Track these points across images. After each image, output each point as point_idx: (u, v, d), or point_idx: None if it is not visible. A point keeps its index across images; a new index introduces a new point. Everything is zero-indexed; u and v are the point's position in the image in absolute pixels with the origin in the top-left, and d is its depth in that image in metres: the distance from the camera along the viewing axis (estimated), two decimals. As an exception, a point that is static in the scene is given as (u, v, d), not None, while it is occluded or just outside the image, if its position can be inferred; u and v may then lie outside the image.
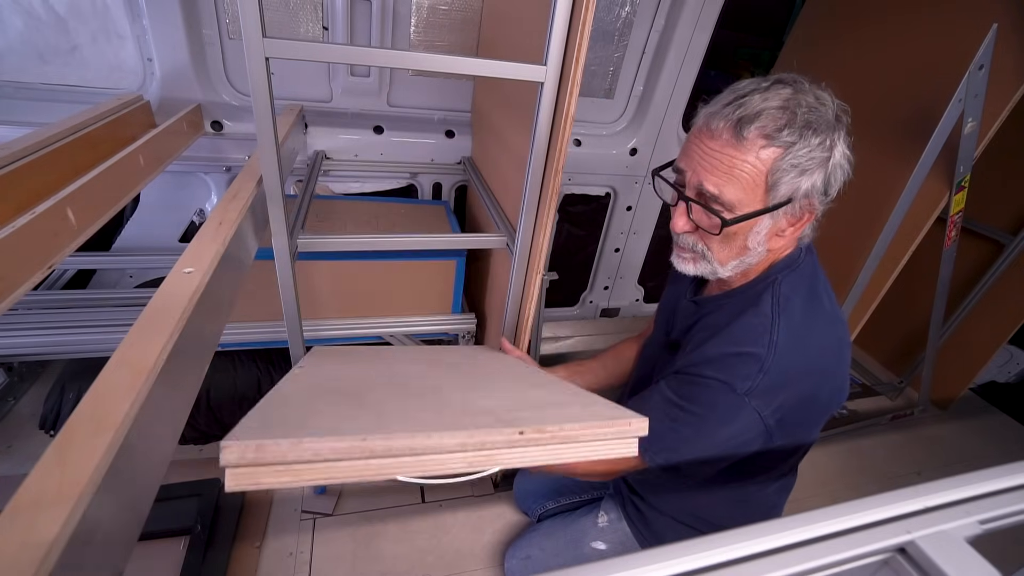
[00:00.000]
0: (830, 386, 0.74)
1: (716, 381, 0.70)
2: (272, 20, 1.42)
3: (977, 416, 2.16)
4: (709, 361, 0.72)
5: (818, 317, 0.73)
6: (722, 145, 0.66)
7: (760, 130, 0.64)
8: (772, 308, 0.71)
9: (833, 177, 0.68)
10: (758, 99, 0.65)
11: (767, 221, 0.69)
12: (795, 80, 0.67)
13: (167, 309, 0.59)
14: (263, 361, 1.65)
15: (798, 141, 0.64)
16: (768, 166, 0.65)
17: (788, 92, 0.65)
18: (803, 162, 0.65)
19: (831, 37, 1.77)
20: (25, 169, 0.85)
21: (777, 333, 0.69)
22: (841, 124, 0.67)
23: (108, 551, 0.42)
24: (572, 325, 2.12)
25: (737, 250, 0.73)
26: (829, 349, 0.73)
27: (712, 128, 0.67)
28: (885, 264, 1.56)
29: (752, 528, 0.31)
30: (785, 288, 0.73)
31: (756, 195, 0.67)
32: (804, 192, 0.67)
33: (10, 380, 1.62)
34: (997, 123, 1.36)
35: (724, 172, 0.66)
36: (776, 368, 0.68)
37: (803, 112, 0.64)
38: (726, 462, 0.76)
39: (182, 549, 1.24)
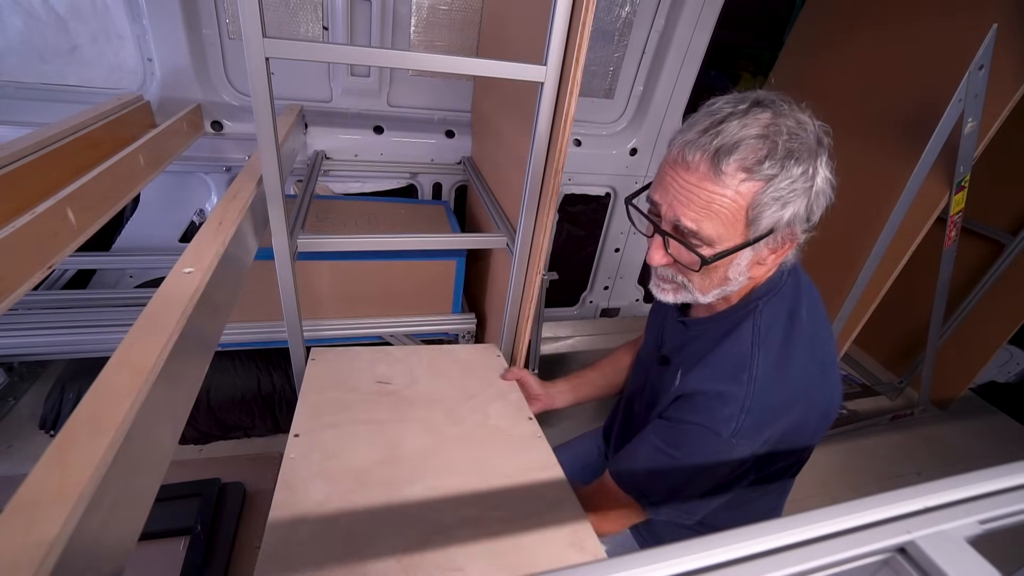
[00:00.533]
0: (816, 411, 0.73)
1: (701, 427, 0.69)
2: (272, 20, 1.42)
3: (977, 416, 2.16)
4: (691, 398, 0.71)
5: (798, 343, 0.71)
6: (699, 179, 0.62)
7: (739, 163, 0.60)
8: (752, 339, 0.70)
9: (815, 204, 0.64)
10: (736, 126, 0.60)
11: (748, 253, 0.66)
12: (774, 101, 0.63)
13: (167, 309, 0.59)
14: (263, 361, 1.65)
15: (779, 173, 0.60)
16: (748, 200, 0.61)
17: (768, 117, 0.61)
18: (785, 194, 0.61)
19: (831, 37, 1.77)
20: (25, 169, 0.85)
21: (756, 368, 0.68)
22: (823, 148, 0.63)
23: (108, 551, 0.42)
24: (572, 325, 2.12)
25: (718, 281, 0.70)
26: (811, 374, 0.71)
27: (688, 160, 0.62)
28: (885, 264, 1.56)
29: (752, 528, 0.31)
30: (766, 316, 0.71)
31: (736, 229, 0.64)
32: (786, 222, 0.63)
33: (10, 380, 1.62)
34: (997, 123, 1.36)
35: (702, 207, 0.63)
36: (757, 406, 0.67)
37: (784, 140, 0.60)
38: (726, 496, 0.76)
39: (182, 549, 1.24)
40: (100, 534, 0.40)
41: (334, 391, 0.97)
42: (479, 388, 1.04)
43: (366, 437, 0.87)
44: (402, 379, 1.03)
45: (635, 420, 0.99)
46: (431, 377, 1.05)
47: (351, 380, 1.01)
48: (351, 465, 0.81)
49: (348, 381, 1.00)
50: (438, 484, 0.80)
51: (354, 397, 0.96)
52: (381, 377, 1.03)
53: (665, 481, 0.74)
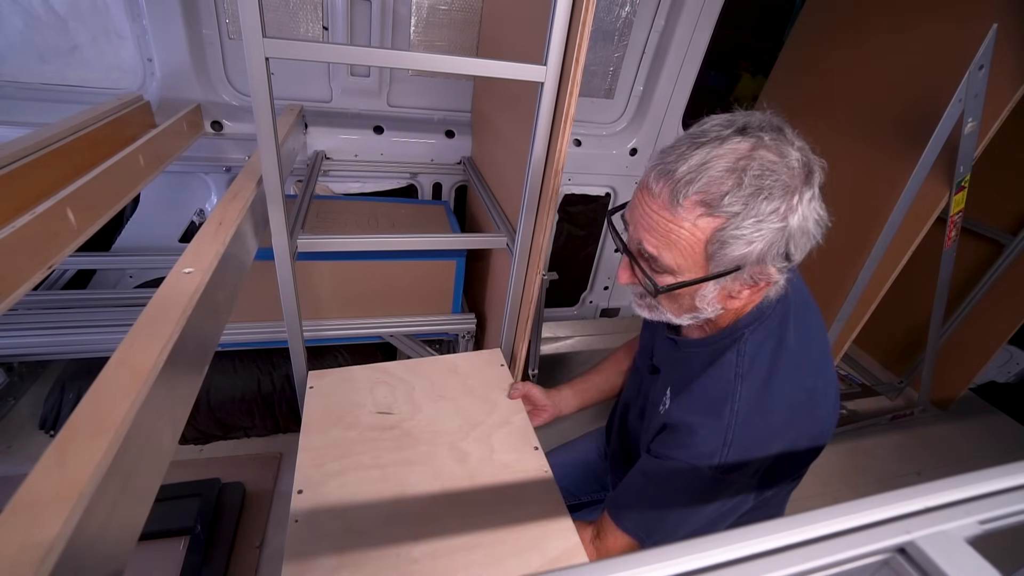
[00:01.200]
0: (804, 440, 0.71)
1: (685, 464, 0.69)
2: (272, 20, 1.42)
3: (977, 416, 2.16)
4: (675, 431, 0.71)
5: (784, 372, 0.69)
6: (659, 207, 0.60)
7: (700, 196, 0.57)
8: (735, 370, 0.68)
9: (792, 243, 0.60)
10: (704, 154, 0.57)
11: (712, 287, 0.64)
12: (764, 130, 0.59)
13: (167, 309, 0.59)
14: (263, 361, 1.65)
15: (742, 211, 0.56)
16: (707, 235, 0.59)
17: (745, 147, 0.57)
18: (749, 233, 0.57)
19: (831, 37, 1.77)
20: (25, 169, 0.85)
21: (739, 401, 0.66)
22: (809, 185, 0.58)
23: (108, 551, 0.42)
24: (572, 325, 2.12)
25: (687, 308, 0.69)
26: (798, 404, 0.69)
27: (651, 187, 0.61)
28: (885, 264, 1.56)
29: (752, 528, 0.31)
30: (751, 347, 0.69)
31: (695, 262, 0.61)
32: (755, 260, 0.60)
33: (10, 380, 1.62)
34: (997, 123, 1.36)
35: (661, 235, 0.61)
36: (739, 440, 0.66)
37: (752, 176, 0.56)
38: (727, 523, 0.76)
39: (182, 549, 1.24)
40: (100, 534, 0.40)
41: (335, 429, 0.95)
42: (483, 413, 1.02)
43: (371, 485, 0.86)
44: (403, 407, 1.02)
45: (630, 427, 1.00)
46: (432, 401, 1.04)
47: (351, 413, 0.99)
48: (355, 528, 0.80)
49: (348, 415, 0.99)
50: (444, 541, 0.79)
51: (355, 435, 0.94)
52: (381, 406, 1.01)
53: (659, 518, 0.74)
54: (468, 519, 0.83)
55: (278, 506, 1.42)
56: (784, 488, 0.82)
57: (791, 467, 0.73)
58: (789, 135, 0.60)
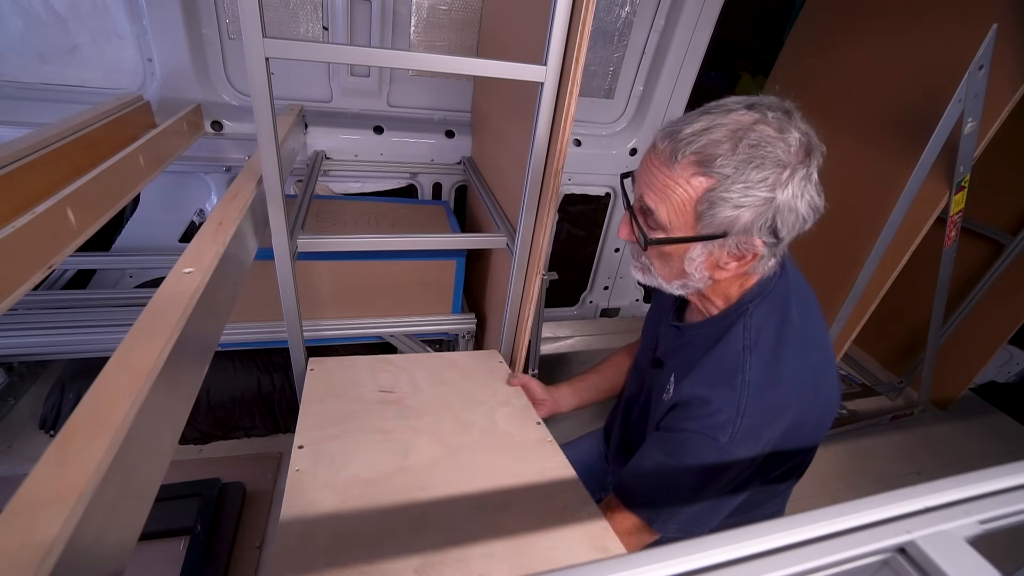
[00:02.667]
0: (813, 413, 0.72)
1: (698, 435, 0.69)
2: (272, 20, 1.42)
3: (977, 416, 2.16)
4: (686, 406, 0.71)
5: (790, 345, 0.70)
6: (660, 164, 0.64)
7: (695, 155, 0.61)
8: (743, 343, 0.69)
9: (780, 220, 0.62)
10: (709, 120, 0.61)
11: (700, 249, 0.66)
12: (771, 108, 0.62)
13: (167, 309, 0.59)
14: (263, 361, 1.65)
15: (733, 174, 0.59)
16: (698, 194, 0.62)
17: (748, 120, 0.61)
18: (736, 198, 0.60)
19: (831, 37, 1.77)
20: (25, 169, 0.85)
21: (749, 371, 0.67)
22: (803, 166, 0.61)
23: (108, 551, 0.42)
24: (572, 325, 2.12)
25: (676, 272, 0.71)
26: (804, 378, 0.71)
27: (658, 145, 0.65)
28: (885, 264, 1.56)
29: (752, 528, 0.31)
30: (756, 319, 0.70)
31: (686, 220, 0.64)
32: (741, 228, 0.62)
33: (10, 380, 1.62)
34: (997, 123, 1.36)
35: (658, 189, 0.65)
36: (752, 409, 0.67)
37: (748, 144, 0.59)
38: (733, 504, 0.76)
39: (182, 549, 1.24)
40: (100, 534, 0.40)
41: (336, 401, 0.96)
42: (484, 395, 1.03)
43: (374, 446, 0.86)
44: (405, 387, 1.03)
45: (632, 425, 1.00)
46: (434, 384, 1.05)
47: (353, 390, 1.00)
48: (361, 475, 0.80)
49: (350, 391, 0.99)
50: (451, 490, 0.79)
51: (357, 407, 0.95)
52: (383, 386, 1.02)
53: (670, 493, 0.74)
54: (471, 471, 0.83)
55: (278, 506, 1.42)
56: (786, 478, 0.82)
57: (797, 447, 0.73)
58: (796, 118, 0.62)
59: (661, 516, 0.74)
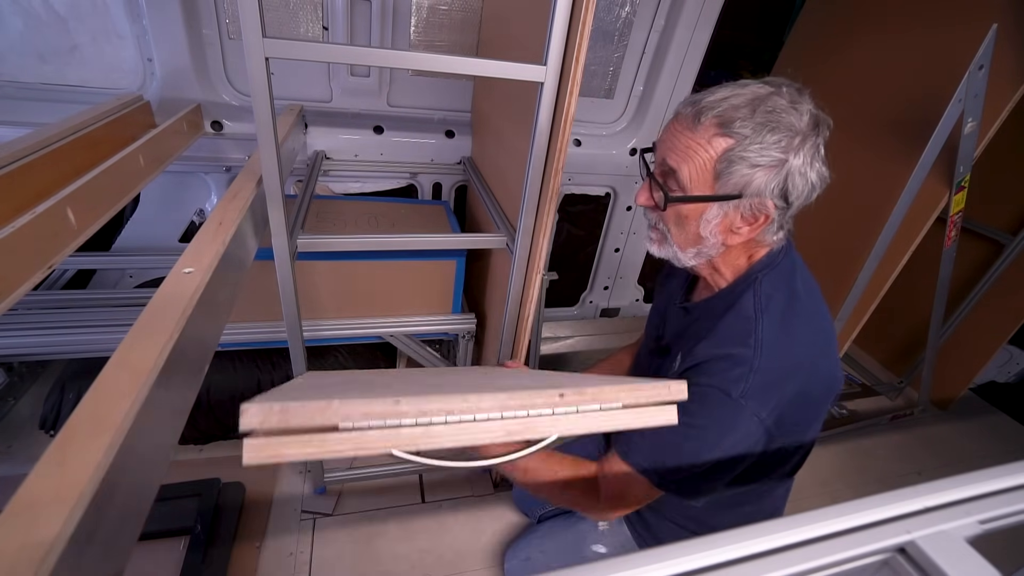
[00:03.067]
0: (820, 379, 0.74)
1: (711, 388, 0.70)
2: (272, 20, 1.42)
3: (977, 416, 2.16)
4: (699, 366, 0.73)
5: (798, 313, 0.74)
6: (682, 127, 0.70)
7: (716, 118, 0.66)
8: (755, 308, 0.72)
9: (791, 183, 0.67)
10: (730, 90, 0.67)
11: (716, 211, 0.70)
12: (784, 84, 0.68)
13: (167, 309, 0.59)
14: (263, 361, 1.65)
15: (750, 135, 0.65)
16: (718, 153, 0.67)
17: (764, 92, 0.67)
18: (753, 157, 0.65)
19: (831, 37, 1.77)
20: (25, 169, 0.85)
21: (761, 332, 0.70)
22: (813, 135, 0.66)
23: (108, 551, 0.42)
24: (572, 325, 2.12)
25: (692, 237, 0.74)
26: (813, 343, 0.74)
27: (681, 112, 0.71)
28: (885, 264, 1.56)
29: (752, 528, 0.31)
30: (766, 286, 0.74)
31: (705, 180, 0.69)
32: (755, 190, 0.67)
33: (10, 380, 1.62)
34: (997, 123, 1.36)
35: (680, 151, 0.70)
36: (765, 366, 0.68)
37: (764, 111, 0.65)
38: (733, 472, 0.76)
39: (182, 549, 1.24)
40: (100, 534, 0.40)
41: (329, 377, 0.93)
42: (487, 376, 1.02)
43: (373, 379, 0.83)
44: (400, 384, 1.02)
45: None
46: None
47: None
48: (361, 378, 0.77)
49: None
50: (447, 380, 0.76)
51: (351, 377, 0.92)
52: None
53: (672, 450, 0.73)
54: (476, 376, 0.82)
55: (278, 506, 1.42)
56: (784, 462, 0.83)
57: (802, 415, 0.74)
58: (806, 95, 0.68)
59: (661, 471, 0.74)
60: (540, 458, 0.83)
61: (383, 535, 1.39)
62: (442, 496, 1.52)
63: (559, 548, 1.13)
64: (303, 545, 1.34)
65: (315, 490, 1.46)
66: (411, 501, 1.50)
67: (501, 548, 1.39)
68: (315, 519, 1.40)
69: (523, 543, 1.21)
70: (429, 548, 1.38)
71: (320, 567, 1.30)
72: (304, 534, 1.36)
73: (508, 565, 1.20)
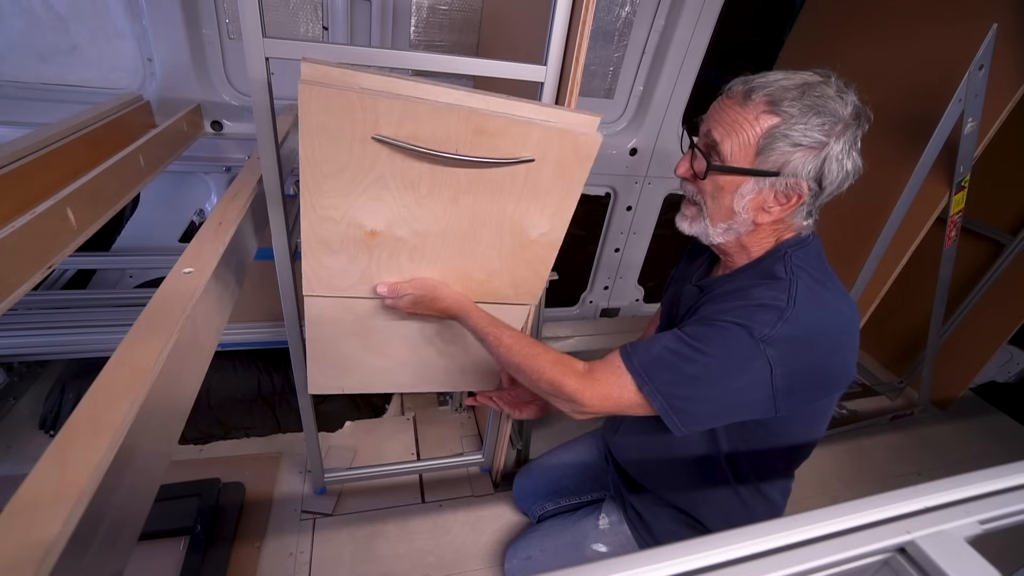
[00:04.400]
0: (842, 358, 0.74)
1: (734, 325, 0.69)
2: (272, 20, 1.42)
3: (977, 416, 2.16)
4: (728, 311, 0.72)
5: (830, 289, 0.74)
6: (732, 103, 0.72)
7: (766, 96, 0.69)
8: (787, 272, 0.73)
9: (827, 168, 0.69)
10: (780, 75, 0.71)
11: (752, 185, 0.72)
12: (833, 75, 0.71)
13: (167, 309, 0.59)
14: (263, 361, 1.65)
15: (797, 115, 0.67)
16: (763, 129, 0.69)
17: (815, 79, 0.70)
18: (796, 136, 0.68)
19: (831, 37, 1.77)
20: (25, 169, 0.85)
21: (796, 289, 0.70)
22: (854, 125, 0.69)
23: (108, 551, 0.42)
24: (572, 325, 2.11)
25: (725, 211, 0.76)
26: (844, 320, 0.74)
27: (730, 90, 0.74)
28: (885, 264, 1.56)
29: (752, 528, 0.31)
30: (797, 259, 0.74)
31: (747, 154, 0.71)
32: (792, 169, 0.69)
33: (10, 380, 1.62)
34: (997, 123, 1.36)
35: (727, 125, 0.72)
36: (795, 319, 0.68)
37: (813, 94, 0.68)
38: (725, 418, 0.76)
39: (182, 549, 1.24)
40: (100, 534, 0.40)
41: None
42: None
43: None
44: None
45: (633, 422, 1.00)
46: None
47: None
48: None
49: None
50: None
51: None
52: None
53: (671, 369, 0.72)
54: None
55: (278, 506, 1.42)
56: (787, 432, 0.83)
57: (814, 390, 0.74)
58: (853, 90, 0.71)
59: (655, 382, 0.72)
60: (524, 340, 0.84)
61: (383, 535, 1.39)
62: (442, 496, 1.52)
63: (559, 547, 1.13)
64: (303, 545, 1.34)
65: (315, 490, 1.46)
66: (411, 501, 1.50)
67: (501, 548, 1.39)
68: (315, 519, 1.40)
69: (523, 542, 1.21)
70: (429, 548, 1.38)
71: (320, 567, 1.30)
72: (304, 534, 1.36)
73: (508, 565, 1.20)
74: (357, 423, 1.74)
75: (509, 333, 0.86)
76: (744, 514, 0.93)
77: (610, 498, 1.15)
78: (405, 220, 0.84)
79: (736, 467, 0.88)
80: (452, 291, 0.93)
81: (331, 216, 0.81)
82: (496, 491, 1.56)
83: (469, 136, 0.76)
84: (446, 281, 0.94)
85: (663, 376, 0.72)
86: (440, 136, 0.75)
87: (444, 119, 0.74)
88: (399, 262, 0.90)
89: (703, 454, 0.88)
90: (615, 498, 1.14)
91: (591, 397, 0.75)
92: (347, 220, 0.82)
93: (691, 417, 0.73)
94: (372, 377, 1.13)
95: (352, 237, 0.84)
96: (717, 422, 0.78)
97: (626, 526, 1.08)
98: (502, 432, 1.44)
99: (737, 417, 0.76)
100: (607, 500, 1.15)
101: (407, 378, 1.15)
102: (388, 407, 1.82)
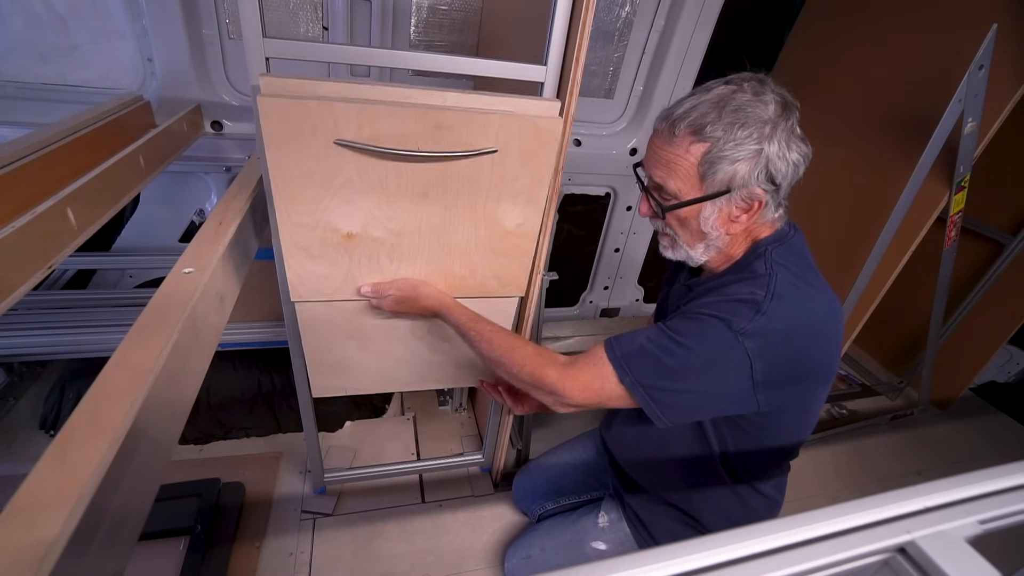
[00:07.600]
0: (822, 350, 0.75)
1: (713, 318, 0.71)
2: (272, 20, 1.42)
3: (977, 416, 2.16)
4: (708, 305, 0.74)
5: (811, 283, 0.75)
6: (662, 142, 0.74)
7: (689, 127, 0.71)
8: (767, 268, 0.74)
9: (773, 168, 0.71)
10: (696, 98, 0.72)
11: (711, 208, 0.74)
12: (746, 79, 0.72)
13: (167, 309, 0.59)
14: (263, 361, 1.65)
15: (723, 135, 0.69)
16: (697, 158, 0.71)
17: (727, 91, 0.71)
18: (731, 154, 0.69)
19: (831, 37, 1.77)
20: (25, 169, 0.85)
21: (775, 284, 0.72)
22: (783, 119, 0.70)
23: (108, 551, 0.42)
24: (572, 325, 2.11)
25: (696, 234, 0.78)
26: (824, 312, 0.75)
27: (658, 128, 0.76)
28: (885, 264, 1.56)
29: (752, 528, 0.31)
30: (777, 256, 0.76)
31: (693, 184, 0.73)
32: (741, 182, 0.71)
33: (10, 380, 1.62)
34: (997, 123, 1.36)
35: (664, 164, 0.74)
36: (773, 312, 0.69)
37: (730, 109, 0.69)
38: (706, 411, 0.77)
39: (182, 549, 1.24)
40: (100, 534, 0.40)
41: None
42: None
43: None
44: None
45: (629, 421, 1.00)
46: None
47: None
48: None
49: None
50: None
51: None
52: None
53: (651, 360, 0.73)
54: None
55: (278, 506, 1.42)
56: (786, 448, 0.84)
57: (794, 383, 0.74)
58: (770, 85, 0.72)
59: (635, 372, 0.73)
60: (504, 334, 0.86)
61: (383, 535, 1.39)
62: (442, 496, 1.52)
63: (559, 546, 1.13)
64: (303, 545, 1.34)
65: (315, 490, 1.46)
66: (411, 501, 1.50)
67: (501, 548, 1.39)
68: (315, 519, 1.40)
69: (523, 542, 1.21)
70: (429, 548, 1.38)
71: (320, 567, 1.30)
72: (304, 534, 1.36)
73: (508, 564, 1.20)
74: (357, 423, 1.74)
75: (490, 328, 0.87)
76: (740, 510, 0.93)
77: (609, 496, 1.15)
78: (379, 220, 0.86)
79: (729, 465, 0.88)
80: (433, 289, 0.95)
81: (305, 223, 0.83)
82: (496, 491, 1.56)
83: (429, 132, 0.78)
84: (429, 279, 0.95)
85: (643, 367, 0.73)
86: (400, 135, 0.77)
87: (401, 118, 0.76)
88: (380, 263, 0.92)
89: (696, 453, 0.89)
90: (615, 496, 1.14)
91: (572, 388, 0.76)
92: (322, 225, 0.84)
93: (672, 409, 0.74)
94: (372, 377, 1.13)
95: (330, 241, 0.87)
96: (699, 415, 0.79)
97: (625, 524, 1.08)
98: (502, 432, 1.44)
99: (719, 410, 0.77)
100: (606, 498, 1.15)
101: (407, 376, 1.16)
102: (388, 407, 1.82)
